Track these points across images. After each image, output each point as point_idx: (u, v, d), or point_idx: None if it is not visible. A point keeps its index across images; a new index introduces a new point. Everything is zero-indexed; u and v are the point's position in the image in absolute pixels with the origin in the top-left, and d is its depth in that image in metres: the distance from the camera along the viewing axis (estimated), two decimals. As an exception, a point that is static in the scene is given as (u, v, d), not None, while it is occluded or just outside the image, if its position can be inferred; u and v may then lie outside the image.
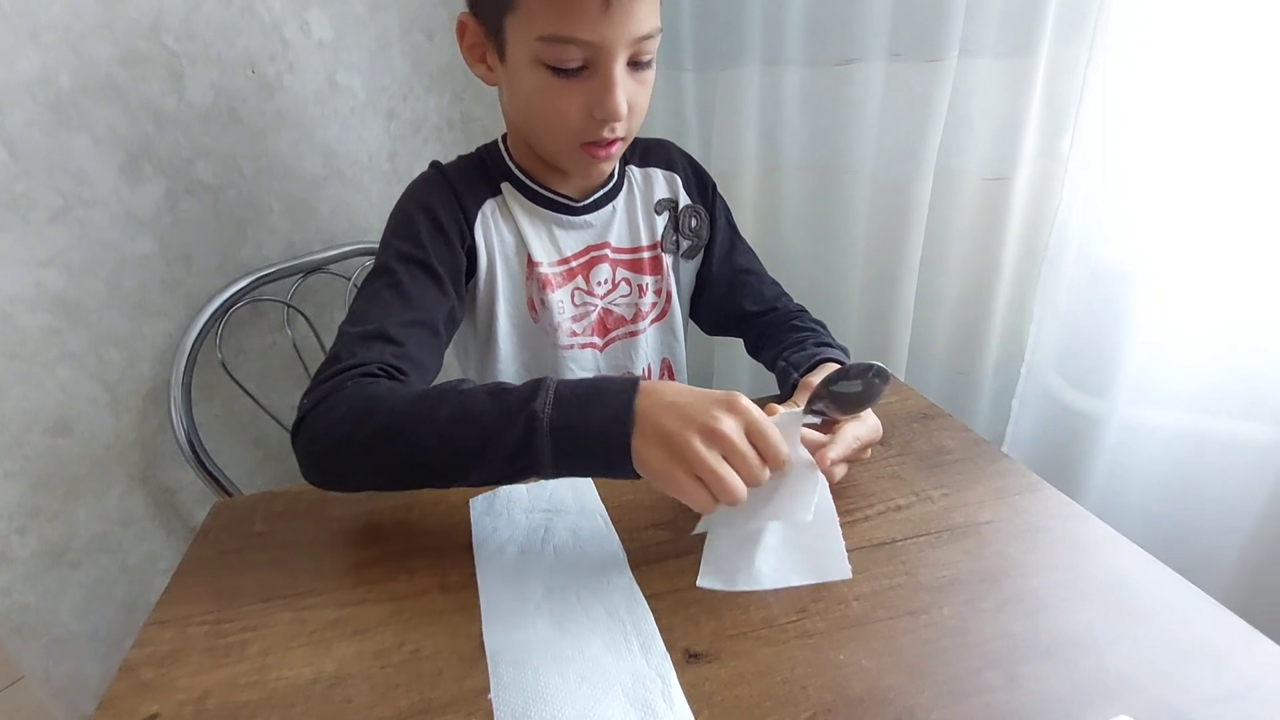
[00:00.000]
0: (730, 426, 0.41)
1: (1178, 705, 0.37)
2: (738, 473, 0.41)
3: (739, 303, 0.76)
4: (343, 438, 0.48)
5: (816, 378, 0.56)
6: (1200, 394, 0.91)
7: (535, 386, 0.45)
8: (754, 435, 0.42)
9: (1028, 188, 0.92)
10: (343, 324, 0.57)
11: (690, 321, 0.82)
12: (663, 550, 0.49)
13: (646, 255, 0.72)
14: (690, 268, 0.77)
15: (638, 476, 0.43)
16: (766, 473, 0.42)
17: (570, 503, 0.54)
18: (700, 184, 0.75)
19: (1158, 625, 0.42)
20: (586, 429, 0.43)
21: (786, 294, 0.78)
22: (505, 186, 0.66)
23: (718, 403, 0.42)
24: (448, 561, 0.49)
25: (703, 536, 0.47)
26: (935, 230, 0.94)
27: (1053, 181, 0.92)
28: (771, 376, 0.68)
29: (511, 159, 0.67)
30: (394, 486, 0.51)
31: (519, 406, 0.44)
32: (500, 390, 0.46)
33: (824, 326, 0.73)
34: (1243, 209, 0.82)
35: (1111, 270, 0.93)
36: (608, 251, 0.70)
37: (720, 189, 0.77)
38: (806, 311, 0.75)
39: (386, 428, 0.47)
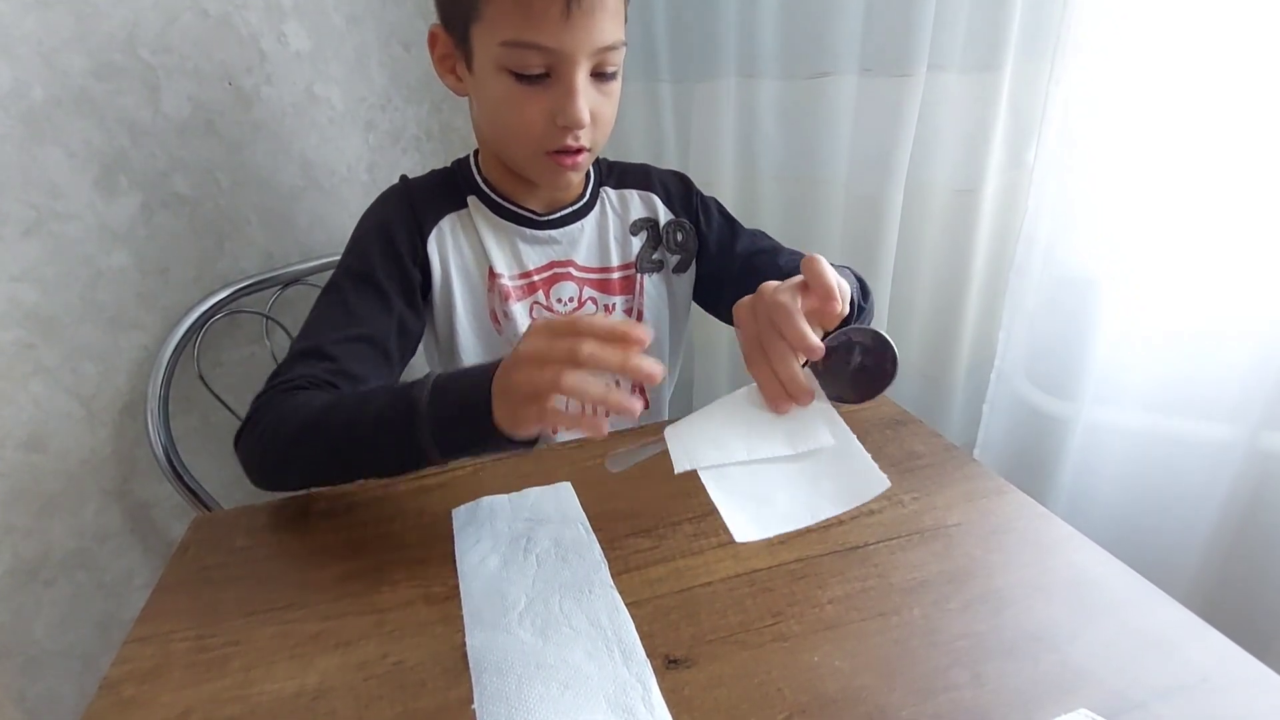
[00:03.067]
0: (541, 341, 0.42)
1: (1134, 697, 0.38)
2: (586, 354, 0.41)
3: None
4: (267, 449, 0.54)
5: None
6: (1161, 395, 0.94)
7: (419, 380, 0.49)
8: (603, 336, 0.41)
9: (995, 198, 0.95)
10: (294, 338, 0.61)
11: (691, 334, 0.82)
12: (643, 558, 0.50)
13: (617, 275, 0.72)
14: (686, 279, 0.76)
15: (524, 443, 0.46)
16: (617, 350, 0.41)
17: (552, 512, 0.55)
18: (682, 194, 0.75)
19: (1115, 620, 0.43)
20: (456, 391, 0.47)
21: None
22: (471, 200, 0.67)
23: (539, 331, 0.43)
24: (430, 572, 0.49)
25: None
26: (907, 240, 0.97)
27: (1019, 192, 0.95)
28: None
29: (480, 173, 0.68)
30: (327, 483, 0.56)
31: (400, 390, 0.49)
32: (387, 385, 0.51)
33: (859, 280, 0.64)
34: (1201, 216, 0.86)
35: (1076, 277, 0.96)
36: (572, 270, 0.71)
37: None
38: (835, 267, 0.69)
39: (297, 437, 0.52)
